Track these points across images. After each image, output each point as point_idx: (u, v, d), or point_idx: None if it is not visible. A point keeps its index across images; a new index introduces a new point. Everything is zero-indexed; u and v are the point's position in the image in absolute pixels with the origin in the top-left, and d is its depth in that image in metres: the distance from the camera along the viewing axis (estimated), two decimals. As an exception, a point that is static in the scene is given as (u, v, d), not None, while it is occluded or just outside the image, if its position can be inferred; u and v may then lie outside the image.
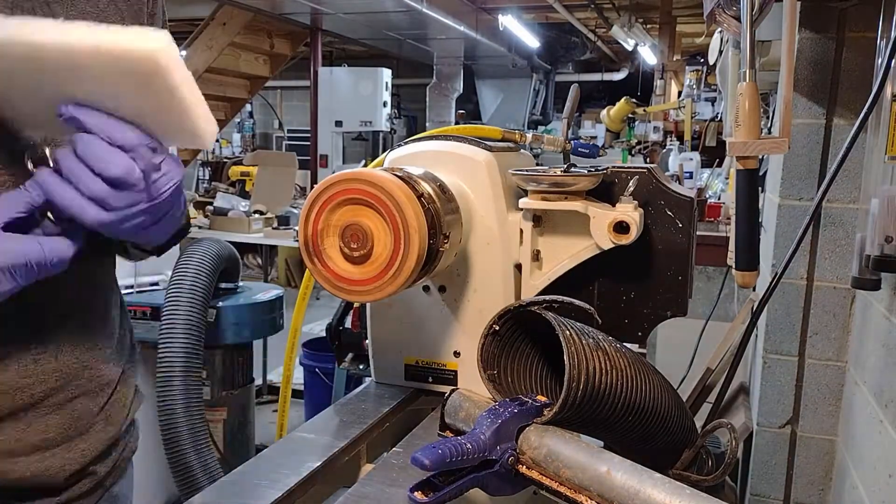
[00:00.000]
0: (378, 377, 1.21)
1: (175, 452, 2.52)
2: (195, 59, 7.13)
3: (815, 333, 1.90)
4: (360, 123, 8.78)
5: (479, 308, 1.09)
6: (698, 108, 6.56)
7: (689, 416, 1.04)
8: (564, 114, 1.40)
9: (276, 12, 7.29)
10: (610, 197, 1.05)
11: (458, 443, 0.75)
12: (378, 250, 0.89)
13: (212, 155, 10.70)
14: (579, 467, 0.75)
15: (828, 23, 1.78)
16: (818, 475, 1.95)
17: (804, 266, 1.88)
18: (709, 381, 1.63)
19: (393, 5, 6.72)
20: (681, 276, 1.07)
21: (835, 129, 1.82)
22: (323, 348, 3.60)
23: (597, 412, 0.83)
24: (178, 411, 2.52)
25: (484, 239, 1.07)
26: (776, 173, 1.95)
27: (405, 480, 0.85)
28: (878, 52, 1.45)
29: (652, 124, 7.14)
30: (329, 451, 0.97)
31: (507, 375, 0.92)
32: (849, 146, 1.24)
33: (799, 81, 1.81)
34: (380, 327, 1.18)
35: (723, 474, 0.96)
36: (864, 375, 1.67)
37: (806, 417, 1.94)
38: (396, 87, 10.16)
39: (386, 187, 0.87)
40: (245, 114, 12.82)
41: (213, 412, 3.00)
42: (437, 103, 9.90)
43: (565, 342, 0.80)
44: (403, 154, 1.11)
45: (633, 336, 1.10)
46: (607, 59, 11.96)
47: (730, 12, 1.48)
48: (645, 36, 9.00)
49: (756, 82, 1.22)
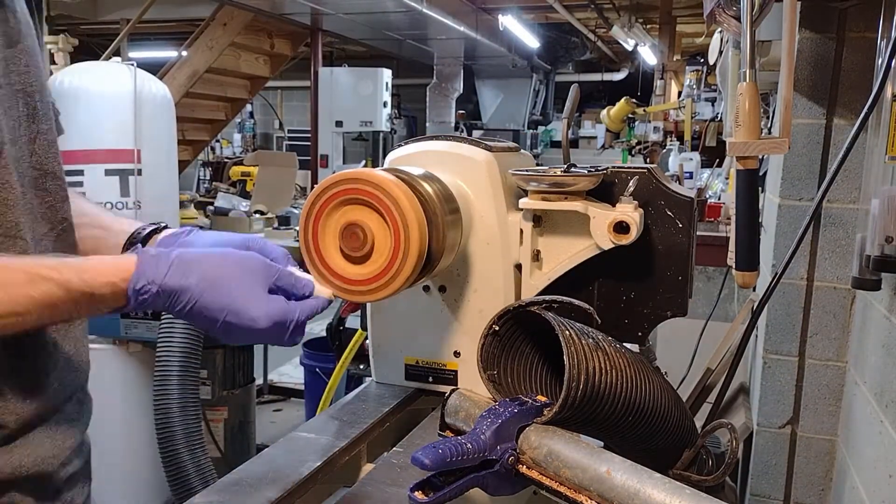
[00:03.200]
0: (378, 377, 1.21)
1: (169, 453, 2.52)
2: (196, 59, 7.13)
3: (815, 333, 1.90)
4: (360, 123, 8.77)
5: (479, 308, 1.09)
6: (698, 108, 6.55)
7: (689, 416, 1.04)
8: (564, 114, 1.40)
9: (277, 12, 7.29)
10: (610, 197, 1.05)
11: (458, 442, 0.75)
12: (378, 250, 0.89)
13: (213, 155, 10.71)
14: (579, 467, 0.75)
15: (828, 23, 1.78)
16: (818, 475, 1.95)
17: (804, 266, 1.88)
18: (709, 381, 1.64)
19: (393, 5, 6.71)
20: (681, 276, 1.07)
21: (835, 129, 1.82)
22: (323, 348, 3.60)
23: (597, 412, 0.83)
24: (174, 412, 2.52)
25: (484, 239, 1.07)
26: (776, 173, 1.95)
27: (405, 480, 0.85)
28: (878, 52, 1.45)
29: (652, 124, 7.14)
30: (329, 450, 0.97)
31: (507, 375, 0.92)
32: (849, 146, 1.24)
33: (799, 81, 1.80)
34: (380, 327, 1.18)
35: (723, 474, 0.97)
36: (865, 375, 1.67)
37: (806, 417, 1.94)
38: (396, 87, 10.15)
39: (386, 187, 0.87)
40: (245, 114, 12.84)
41: (213, 411, 3.00)
42: (437, 103, 9.90)
43: (565, 342, 0.80)
44: (403, 154, 1.11)
45: (633, 336, 1.10)
46: (607, 60, 11.96)
47: (730, 12, 1.48)
48: (645, 36, 9.00)
49: (756, 82, 1.22)
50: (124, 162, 3.25)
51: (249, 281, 0.83)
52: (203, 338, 2.66)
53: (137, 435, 2.89)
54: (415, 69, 11.55)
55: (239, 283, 0.82)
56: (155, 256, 0.82)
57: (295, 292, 0.88)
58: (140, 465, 2.96)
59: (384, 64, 9.57)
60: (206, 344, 2.71)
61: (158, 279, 0.80)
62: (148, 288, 0.80)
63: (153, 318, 2.77)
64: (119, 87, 3.30)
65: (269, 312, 0.83)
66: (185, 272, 0.81)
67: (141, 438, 2.84)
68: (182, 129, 6.92)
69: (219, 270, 0.82)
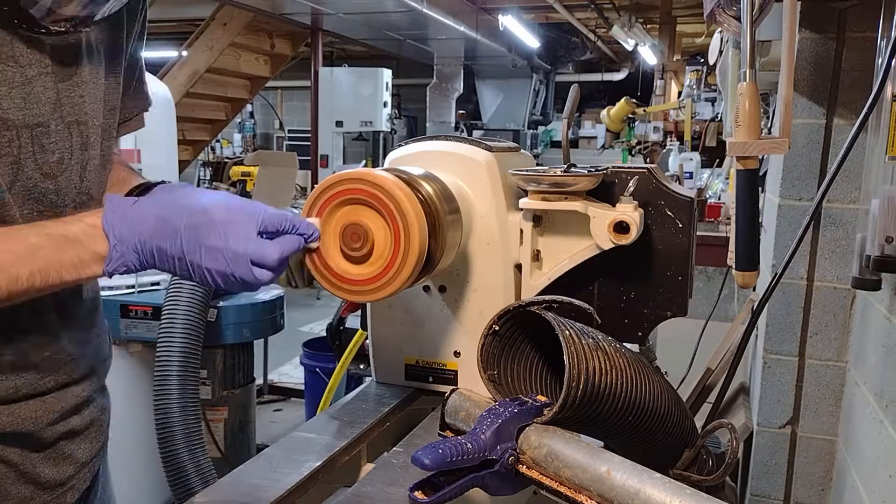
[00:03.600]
0: (378, 377, 1.21)
1: (169, 453, 2.52)
2: (196, 59, 7.13)
3: (815, 333, 1.90)
4: (360, 123, 8.78)
5: (479, 308, 1.09)
6: (698, 108, 6.55)
7: (689, 416, 1.04)
8: (564, 114, 1.40)
9: (277, 12, 7.29)
10: (610, 197, 1.05)
11: (458, 442, 0.75)
12: (378, 250, 0.89)
13: (213, 155, 10.71)
14: (579, 467, 0.75)
15: (828, 23, 1.78)
16: (818, 475, 1.95)
17: (804, 266, 1.88)
18: (709, 381, 1.64)
19: (393, 5, 6.71)
20: (681, 277, 1.07)
21: (835, 129, 1.82)
22: (323, 348, 3.60)
23: (597, 412, 0.83)
24: (174, 412, 2.52)
25: (484, 239, 1.07)
26: (776, 173, 1.95)
27: (406, 480, 0.85)
28: (878, 52, 1.44)
29: (652, 124, 7.15)
30: (329, 450, 0.97)
31: (507, 375, 0.92)
32: (849, 146, 1.24)
33: (799, 81, 1.80)
34: (380, 327, 1.18)
35: (723, 474, 0.97)
36: (865, 376, 1.67)
37: (806, 417, 1.94)
38: (397, 87, 10.16)
39: (386, 187, 0.87)
40: (246, 114, 12.84)
41: (213, 411, 3.00)
42: (438, 103, 9.90)
43: (565, 342, 0.80)
44: (403, 154, 1.11)
45: (633, 336, 1.10)
46: (607, 59, 11.96)
47: (730, 12, 1.47)
48: (645, 36, 9.00)
49: (756, 82, 1.22)
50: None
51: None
52: (203, 338, 2.66)
53: (137, 435, 2.89)
54: (415, 69, 11.55)
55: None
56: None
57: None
58: (139, 464, 2.96)
59: (384, 64, 9.57)
60: (206, 344, 2.71)
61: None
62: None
63: (153, 318, 2.77)
64: (119, 87, 3.29)
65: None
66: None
67: (141, 438, 2.84)
68: (182, 129, 6.93)
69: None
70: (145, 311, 2.81)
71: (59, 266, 0.81)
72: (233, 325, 2.95)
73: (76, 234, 0.82)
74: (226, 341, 2.95)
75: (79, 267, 0.82)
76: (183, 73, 7.04)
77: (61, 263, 0.81)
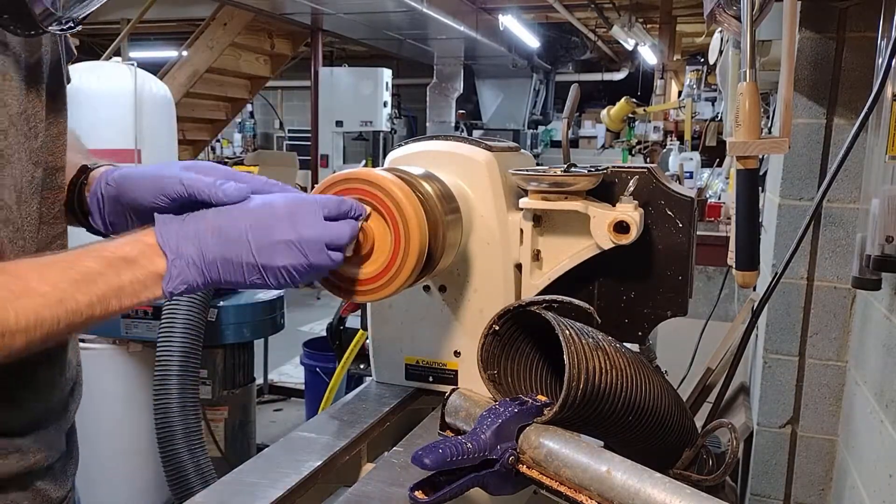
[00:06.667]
0: (378, 377, 1.21)
1: (169, 453, 2.52)
2: (196, 59, 7.13)
3: (815, 333, 1.90)
4: (360, 123, 8.79)
5: (479, 308, 1.09)
6: (698, 108, 6.56)
7: (689, 416, 1.04)
8: (564, 114, 1.40)
9: (277, 12, 7.30)
10: (610, 197, 1.05)
11: (458, 442, 0.75)
12: (378, 250, 0.89)
13: (213, 155, 10.72)
14: (579, 467, 0.75)
15: (828, 23, 1.78)
16: (818, 475, 1.95)
17: (804, 266, 1.88)
18: (709, 381, 1.64)
19: (393, 5, 6.72)
20: (681, 276, 1.07)
21: (835, 129, 1.82)
22: (323, 348, 3.61)
23: (597, 412, 0.83)
24: (174, 412, 2.52)
25: (484, 239, 1.07)
26: (776, 173, 1.95)
27: (406, 480, 0.85)
28: (879, 52, 1.44)
29: (652, 124, 7.15)
30: (329, 450, 0.97)
31: (507, 375, 0.92)
32: (849, 146, 1.24)
33: (799, 81, 1.80)
34: (380, 327, 1.18)
35: (723, 474, 0.97)
36: (865, 375, 1.68)
37: (806, 417, 1.94)
38: (397, 87, 10.17)
39: (386, 187, 0.87)
40: (246, 114, 12.85)
41: (214, 411, 3.00)
42: (438, 103, 9.90)
43: (565, 342, 0.80)
44: (403, 154, 1.11)
45: (633, 336, 1.10)
46: (607, 59, 11.97)
47: (730, 12, 1.47)
48: (645, 36, 9.00)
49: (756, 82, 1.22)
50: (124, 162, 3.25)
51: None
52: (203, 337, 2.67)
53: (137, 435, 2.89)
54: (415, 69, 11.56)
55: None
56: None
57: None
58: (140, 464, 2.96)
59: (384, 64, 9.58)
60: (207, 343, 2.71)
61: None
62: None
63: (153, 318, 2.77)
64: (119, 87, 3.30)
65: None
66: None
67: (141, 438, 2.84)
68: (182, 128, 6.92)
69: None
70: (146, 310, 2.81)
71: (118, 291, 0.76)
72: (233, 324, 2.95)
73: (134, 255, 0.77)
74: (226, 341, 2.95)
75: (138, 290, 0.77)
76: (183, 73, 7.04)
77: (121, 287, 0.76)
